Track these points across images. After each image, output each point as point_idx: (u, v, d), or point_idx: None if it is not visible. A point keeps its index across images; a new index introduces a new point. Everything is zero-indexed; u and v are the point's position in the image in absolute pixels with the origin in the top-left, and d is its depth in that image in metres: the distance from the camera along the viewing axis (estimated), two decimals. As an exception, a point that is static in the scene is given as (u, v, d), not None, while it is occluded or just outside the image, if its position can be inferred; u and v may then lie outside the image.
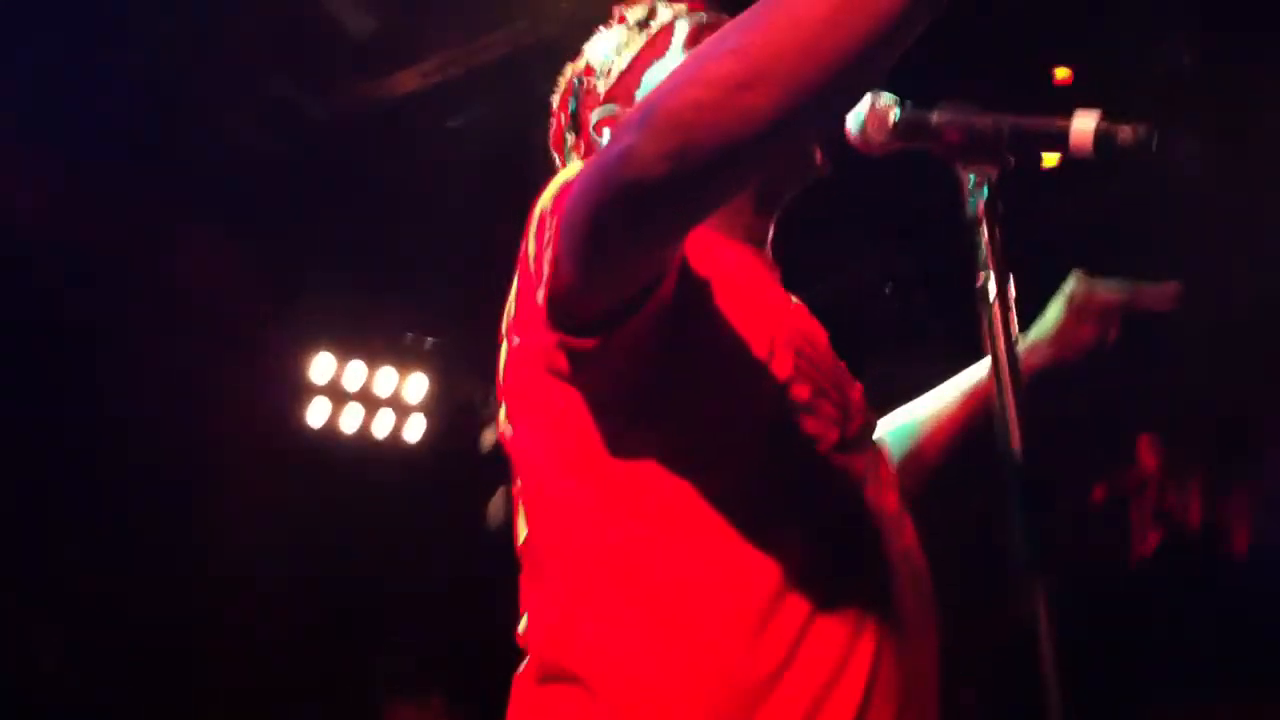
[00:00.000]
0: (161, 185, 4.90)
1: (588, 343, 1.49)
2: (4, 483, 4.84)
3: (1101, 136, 1.48)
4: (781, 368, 1.61)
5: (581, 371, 1.54)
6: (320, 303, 5.81)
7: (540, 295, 1.51)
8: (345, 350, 6.01)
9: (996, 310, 1.49)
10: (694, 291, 1.58)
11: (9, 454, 4.82)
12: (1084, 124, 1.49)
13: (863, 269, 5.99)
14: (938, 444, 2.20)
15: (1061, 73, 5.41)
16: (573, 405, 1.57)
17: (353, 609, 6.09)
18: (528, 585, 1.70)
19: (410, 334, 6.25)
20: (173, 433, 5.27)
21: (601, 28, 1.94)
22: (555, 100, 1.97)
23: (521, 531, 1.70)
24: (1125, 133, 1.47)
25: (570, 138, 1.92)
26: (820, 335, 1.77)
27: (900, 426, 2.22)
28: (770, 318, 1.66)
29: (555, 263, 1.47)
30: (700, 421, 1.57)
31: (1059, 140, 1.51)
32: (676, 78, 1.32)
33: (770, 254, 1.87)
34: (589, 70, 1.91)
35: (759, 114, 1.25)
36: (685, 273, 1.56)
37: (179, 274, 5.17)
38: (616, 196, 1.36)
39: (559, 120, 1.95)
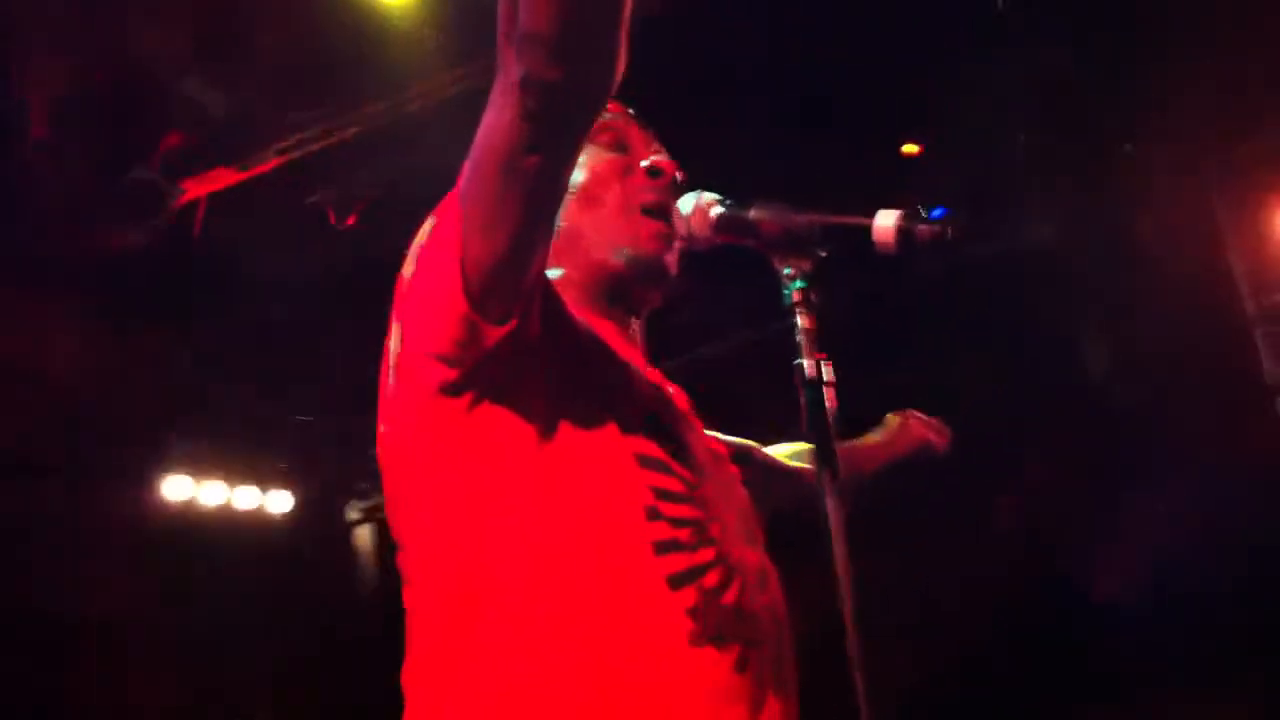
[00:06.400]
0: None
1: (507, 325, 1.62)
2: None
3: (902, 233, 1.62)
4: (636, 409, 1.76)
5: (486, 376, 1.65)
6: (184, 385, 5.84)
7: (454, 284, 1.61)
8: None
9: (812, 392, 1.63)
10: (566, 315, 1.77)
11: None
12: (885, 221, 1.63)
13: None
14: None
15: (910, 148, 5.69)
16: (469, 428, 1.67)
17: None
18: (410, 615, 1.77)
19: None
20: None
21: None
22: None
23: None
24: (924, 230, 1.62)
25: None
26: (678, 398, 1.94)
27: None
28: (627, 367, 1.85)
29: (463, 246, 1.60)
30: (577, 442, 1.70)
31: (864, 237, 1.65)
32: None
33: (634, 336, 1.99)
34: None
35: None
36: (554, 299, 1.74)
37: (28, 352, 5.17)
38: (528, 115, 1.51)
39: None
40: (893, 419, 2.68)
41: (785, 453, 2.42)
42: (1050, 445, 5.79)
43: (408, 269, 1.73)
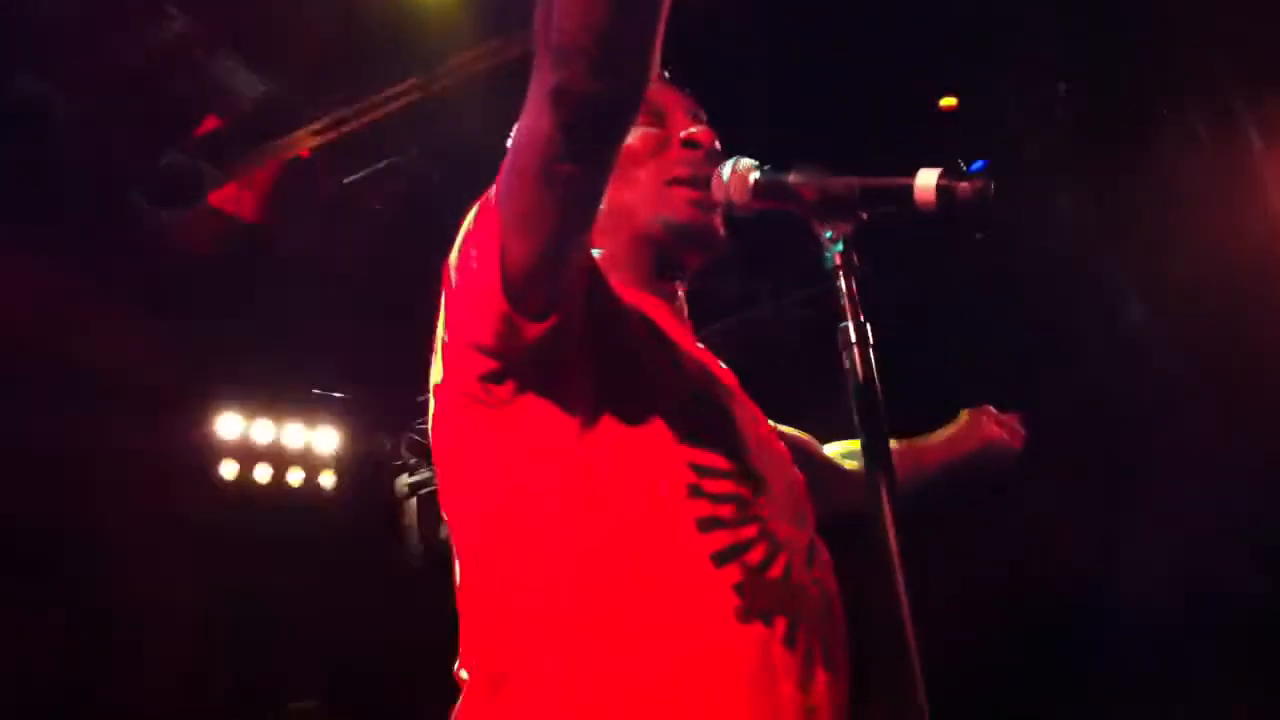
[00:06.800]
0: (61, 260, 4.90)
1: (548, 321, 1.60)
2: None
3: (942, 192, 1.61)
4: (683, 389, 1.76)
5: (528, 367, 1.64)
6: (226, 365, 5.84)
7: (493, 280, 1.59)
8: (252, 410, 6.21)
9: (856, 353, 1.62)
10: (612, 301, 1.74)
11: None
12: (926, 181, 1.62)
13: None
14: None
15: (947, 102, 5.65)
16: (512, 414, 1.67)
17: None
18: (462, 594, 1.75)
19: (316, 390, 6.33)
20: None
21: None
22: None
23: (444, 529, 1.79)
24: (964, 189, 1.61)
25: None
26: (725, 376, 1.92)
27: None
28: (675, 347, 1.82)
29: (502, 245, 1.58)
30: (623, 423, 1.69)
31: (905, 197, 1.64)
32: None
33: (682, 309, 1.99)
34: None
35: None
36: (600, 284, 1.71)
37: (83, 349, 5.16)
38: (563, 125, 1.48)
39: None
40: (964, 415, 2.56)
41: (839, 451, 2.39)
42: (1051, 446, 5.78)
43: (453, 256, 1.72)
